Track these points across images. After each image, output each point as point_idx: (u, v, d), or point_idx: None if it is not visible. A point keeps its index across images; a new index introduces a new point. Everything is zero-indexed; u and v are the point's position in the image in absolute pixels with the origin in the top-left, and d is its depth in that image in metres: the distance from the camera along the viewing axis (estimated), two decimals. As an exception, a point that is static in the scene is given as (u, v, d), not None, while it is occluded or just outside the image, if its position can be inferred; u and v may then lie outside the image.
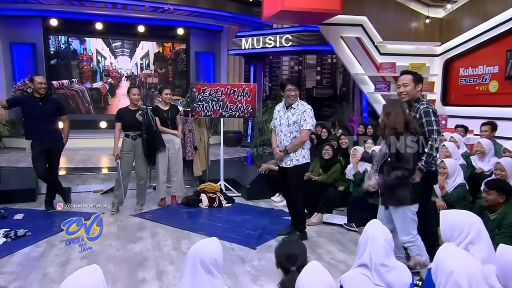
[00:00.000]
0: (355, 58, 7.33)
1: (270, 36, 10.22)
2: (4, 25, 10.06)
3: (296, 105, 3.83)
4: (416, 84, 3.17)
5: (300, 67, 13.90)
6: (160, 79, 11.97)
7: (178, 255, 3.55)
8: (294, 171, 3.84)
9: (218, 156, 6.43)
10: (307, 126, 3.76)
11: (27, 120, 4.69)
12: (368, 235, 1.95)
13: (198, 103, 5.73)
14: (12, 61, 10.26)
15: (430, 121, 3.03)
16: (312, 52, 12.04)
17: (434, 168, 3.21)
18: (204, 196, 5.27)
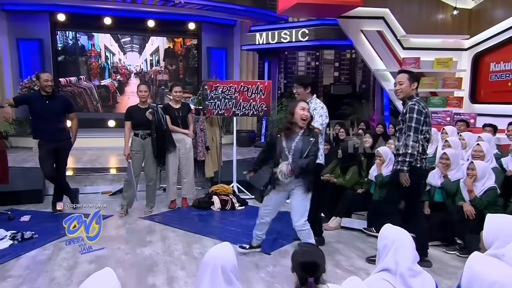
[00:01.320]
0: (376, 53, 7.27)
1: (285, 31, 10.20)
2: (11, 20, 10.30)
3: (310, 102, 3.83)
4: (411, 83, 3.39)
5: (317, 63, 13.83)
6: (171, 76, 12.07)
7: (190, 260, 3.57)
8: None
9: (230, 157, 6.45)
10: (316, 124, 3.71)
11: (34, 118, 4.79)
12: (392, 238, 1.91)
13: (210, 101, 5.75)
14: (19, 58, 10.50)
15: (411, 118, 3.28)
16: (330, 47, 11.98)
17: (420, 164, 3.37)
18: (216, 199, 5.29)
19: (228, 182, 5.83)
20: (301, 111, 3.37)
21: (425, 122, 3.33)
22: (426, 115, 3.33)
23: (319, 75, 13.69)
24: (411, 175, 3.33)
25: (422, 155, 3.37)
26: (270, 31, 10.46)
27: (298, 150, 3.34)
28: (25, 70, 10.45)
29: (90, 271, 3.28)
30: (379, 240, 1.99)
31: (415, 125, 3.27)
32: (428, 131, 3.38)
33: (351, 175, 4.70)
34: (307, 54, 13.78)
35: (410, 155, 3.29)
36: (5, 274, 3.22)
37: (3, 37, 10.24)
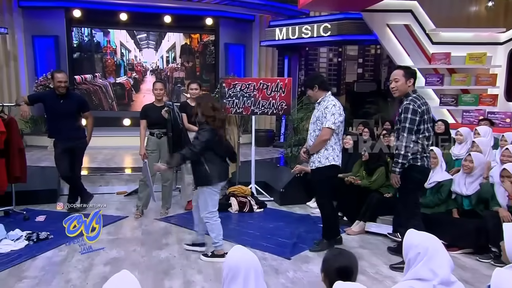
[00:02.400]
0: (403, 48, 7.15)
1: (306, 25, 10.14)
2: (27, 17, 10.58)
3: (323, 100, 3.87)
4: (407, 79, 3.44)
5: (340, 59, 13.74)
6: (187, 73, 12.17)
7: (207, 264, 3.59)
8: (315, 174, 3.88)
9: (248, 157, 6.46)
10: (327, 124, 3.73)
11: (49, 117, 4.90)
12: (425, 246, 1.87)
13: (228, 99, 5.77)
14: (34, 55, 10.77)
15: (405, 118, 3.35)
16: (354, 43, 11.88)
17: (421, 163, 3.44)
18: (234, 200, 5.30)
19: (246, 183, 5.84)
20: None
21: (423, 121, 3.37)
22: (423, 113, 3.37)
23: (341, 72, 13.58)
24: (412, 174, 3.44)
25: (422, 153, 3.43)
26: (291, 26, 10.43)
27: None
28: (41, 67, 10.72)
29: (105, 273, 3.34)
30: (408, 247, 1.95)
31: (409, 126, 3.34)
32: (427, 128, 3.42)
33: (377, 177, 4.63)
34: (329, 50, 13.71)
35: (403, 156, 3.38)
36: (21, 275, 3.30)
37: (19, 34, 10.53)
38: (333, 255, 1.91)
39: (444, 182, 4.21)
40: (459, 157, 4.82)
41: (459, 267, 3.53)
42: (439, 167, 4.27)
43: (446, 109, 7.28)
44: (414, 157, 3.42)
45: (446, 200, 4.20)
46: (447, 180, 4.22)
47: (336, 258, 1.85)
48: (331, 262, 1.83)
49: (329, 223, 4.00)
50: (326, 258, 1.89)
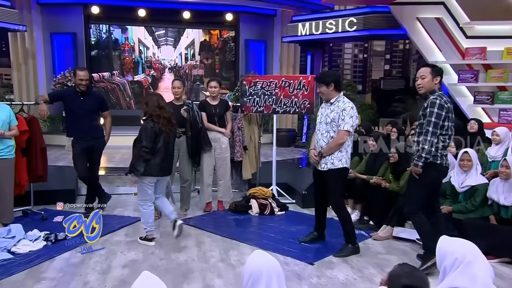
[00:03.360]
0: (434, 43, 7.02)
1: (331, 20, 10.06)
2: (46, 14, 10.88)
3: (337, 100, 3.89)
4: (434, 77, 3.50)
5: (366, 55, 13.59)
6: (206, 70, 12.26)
7: (227, 268, 3.61)
8: (329, 177, 3.91)
9: (269, 158, 6.45)
10: (345, 126, 3.79)
11: (68, 115, 5.03)
12: (462, 252, 1.82)
13: (249, 97, 5.78)
14: (53, 52, 11.05)
15: (431, 112, 3.38)
16: (381, 38, 11.71)
17: (440, 161, 3.48)
18: (254, 202, 5.31)
19: (267, 184, 5.84)
20: None
21: (447, 117, 3.43)
22: (448, 110, 3.42)
23: (367, 69, 13.43)
24: (430, 171, 3.48)
25: (442, 151, 3.48)
26: (314, 21, 10.36)
27: None
28: (59, 65, 10.98)
29: (124, 276, 3.39)
30: (443, 254, 1.90)
31: (435, 120, 3.38)
32: (450, 127, 3.47)
33: (406, 181, 4.55)
34: (354, 45, 13.57)
35: (427, 150, 3.41)
36: (39, 276, 3.39)
37: (37, 32, 10.82)
38: (405, 272, 1.78)
39: (478, 186, 4.11)
40: (496, 159, 4.70)
41: (496, 276, 3.42)
42: (473, 170, 4.17)
43: (480, 108, 7.10)
44: (434, 154, 3.46)
45: (481, 206, 4.08)
46: (482, 184, 4.12)
47: (408, 275, 1.75)
48: (402, 279, 1.73)
49: (349, 226, 4.00)
50: (395, 274, 1.78)
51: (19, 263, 3.58)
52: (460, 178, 4.24)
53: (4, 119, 4.18)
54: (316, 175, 4.08)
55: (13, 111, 4.43)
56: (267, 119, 9.67)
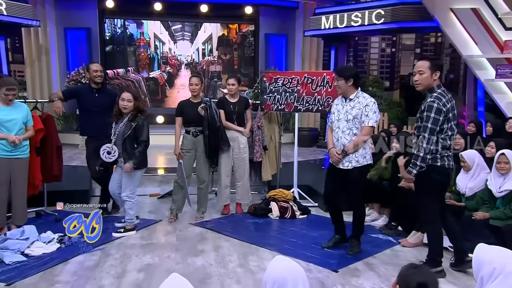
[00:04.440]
0: (470, 35, 6.89)
1: (356, 12, 9.99)
2: (59, 8, 11.12)
3: (356, 96, 3.92)
4: (433, 72, 3.43)
5: (394, 49, 13.47)
6: (224, 66, 12.32)
7: (246, 274, 3.61)
8: (354, 174, 3.92)
9: (290, 158, 6.43)
10: (370, 122, 3.84)
11: (82, 113, 5.11)
12: (501, 261, 1.77)
13: (269, 94, 5.78)
14: (66, 48, 11.29)
15: (428, 117, 3.36)
16: (410, 30, 11.60)
17: (441, 163, 3.46)
18: (275, 205, 5.30)
19: (288, 186, 5.83)
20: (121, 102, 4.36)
21: (447, 120, 3.40)
22: (448, 111, 3.39)
23: (395, 64, 13.26)
24: (432, 175, 3.47)
25: (443, 153, 3.46)
26: (338, 14, 10.30)
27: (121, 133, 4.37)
28: (72, 61, 11.21)
29: (139, 280, 3.44)
30: (480, 263, 1.86)
31: (431, 126, 3.36)
32: (451, 127, 3.45)
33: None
34: (382, 39, 13.51)
35: (421, 158, 3.40)
36: (53, 279, 3.46)
37: (51, 27, 11.07)
38: (414, 270, 1.79)
39: (517, 191, 4.00)
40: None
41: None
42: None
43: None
44: (433, 157, 3.45)
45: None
46: (523, 188, 4.01)
47: (419, 273, 1.76)
48: (413, 276, 1.73)
49: (363, 224, 4.15)
50: (406, 275, 1.78)
51: (32, 266, 3.66)
52: (497, 182, 4.13)
53: (22, 119, 4.28)
54: (335, 175, 4.08)
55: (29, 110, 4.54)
56: (288, 117, 9.64)
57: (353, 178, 3.95)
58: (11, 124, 4.18)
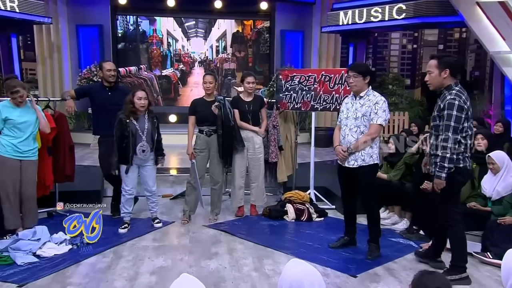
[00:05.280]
0: (497, 30, 6.77)
1: (376, 7, 9.91)
2: (71, 5, 11.30)
3: (367, 94, 3.96)
4: (441, 70, 3.42)
5: (415, 46, 13.29)
6: (239, 64, 12.35)
7: (261, 278, 3.62)
8: (360, 174, 3.97)
9: (306, 159, 6.43)
10: (378, 120, 3.88)
11: (95, 112, 5.18)
12: None
13: (285, 93, 5.77)
14: (78, 46, 11.46)
15: (449, 116, 3.34)
16: (433, 26, 11.42)
17: (464, 164, 3.47)
18: (290, 207, 5.30)
19: (304, 188, 5.81)
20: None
21: (466, 119, 3.41)
22: (468, 109, 3.41)
23: (417, 61, 13.12)
24: (455, 176, 3.46)
25: (464, 153, 3.48)
26: (357, 9, 10.23)
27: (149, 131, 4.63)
28: (84, 59, 11.37)
29: (152, 283, 3.47)
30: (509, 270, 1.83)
31: (455, 125, 3.35)
32: (470, 126, 3.46)
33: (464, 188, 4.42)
34: (403, 35, 13.31)
35: (449, 159, 3.38)
36: (65, 281, 3.52)
37: (63, 24, 11.25)
38: (429, 277, 1.81)
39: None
40: None
41: None
42: None
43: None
44: (456, 158, 3.44)
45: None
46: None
47: (434, 280, 1.77)
48: (428, 281, 1.76)
49: (378, 225, 4.14)
50: (421, 283, 1.79)
51: (44, 267, 3.72)
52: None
53: (35, 120, 4.35)
54: (343, 174, 4.14)
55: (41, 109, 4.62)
56: (304, 116, 9.62)
57: (360, 178, 4.00)
58: (24, 125, 4.26)
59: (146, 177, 4.82)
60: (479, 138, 4.83)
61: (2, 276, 3.52)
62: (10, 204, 4.25)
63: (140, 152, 4.60)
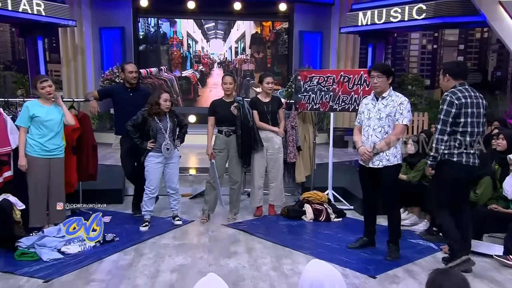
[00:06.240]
0: (520, 30, 6.62)
1: (396, 8, 9.82)
2: (95, 8, 11.49)
3: (389, 95, 3.97)
4: (444, 76, 3.74)
5: (435, 46, 13.15)
6: (257, 65, 12.36)
7: (279, 277, 3.62)
8: (385, 174, 3.97)
9: (325, 159, 6.39)
10: (404, 120, 3.91)
11: (117, 112, 5.26)
12: None
13: (304, 93, 5.76)
14: (101, 48, 11.64)
15: (441, 110, 3.69)
16: (454, 26, 11.29)
17: (458, 159, 3.67)
18: (309, 207, 5.28)
19: (323, 188, 5.79)
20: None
21: (464, 114, 3.62)
22: (461, 106, 3.61)
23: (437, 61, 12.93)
24: (445, 170, 3.72)
25: (461, 149, 3.66)
26: (377, 9, 10.16)
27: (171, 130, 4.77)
28: (107, 60, 11.55)
29: (172, 281, 3.51)
30: None
31: (443, 117, 3.65)
32: (470, 123, 3.64)
33: (483, 189, 4.34)
34: (422, 35, 13.21)
35: (434, 148, 3.71)
36: (89, 277, 3.58)
37: (87, 27, 11.46)
38: (443, 276, 1.79)
39: None
40: None
41: None
42: None
43: None
44: (449, 152, 3.68)
45: None
46: None
47: (449, 278, 1.74)
48: (444, 283, 1.73)
49: (399, 227, 4.14)
50: (435, 281, 1.77)
51: (68, 263, 3.80)
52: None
53: (61, 118, 4.44)
54: (366, 174, 4.13)
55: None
56: (322, 117, 9.58)
57: (384, 178, 3.98)
58: (51, 123, 4.34)
59: (170, 175, 4.89)
60: (500, 138, 4.75)
61: (29, 272, 3.60)
62: (38, 202, 4.33)
63: (165, 150, 4.70)
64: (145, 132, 4.73)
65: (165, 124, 4.74)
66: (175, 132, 4.89)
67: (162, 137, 4.71)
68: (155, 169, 4.76)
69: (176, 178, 4.95)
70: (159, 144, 4.71)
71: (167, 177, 4.91)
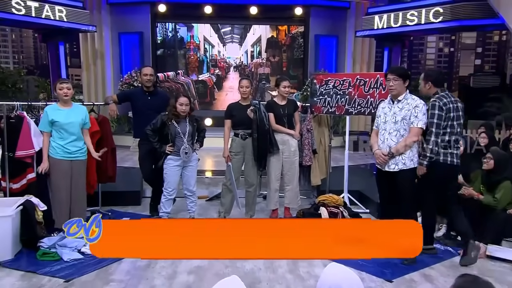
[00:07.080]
0: (539, 33, 6.48)
1: (412, 11, 9.73)
2: (114, 13, 11.65)
3: (405, 98, 3.97)
4: (425, 83, 4.04)
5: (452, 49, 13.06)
6: (273, 68, 12.36)
7: (295, 280, 3.61)
8: (401, 178, 3.97)
9: (340, 162, 6.35)
10: (419, 124, 3.91)
11: (136, 116, 5.32)
12: None
13: (320, 97, 5.74)
14: (120, 52, 11.79)
15: (432, 114, 3.87)
16: (471, 29, 11.13)
17: (444, 159, 3.90)
18: (324, 211, 5.24)
19: (338, 192, 5.74)
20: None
21: (448, 117, 3.87)
22: (448, 110, 3.86)
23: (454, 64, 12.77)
24: (434, 170, 3.89)
25: (445, 149, 3.89)
26: (393, 13, 10.07)
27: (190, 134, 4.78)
28: (125, 65, 11.69)
29: (189, 282, 3.53)
30: None
31: (437, 121, 3.84)
32: (451, 125, 3.90)
33: (503, 194, 4.27)
34: (439, 38, 13.24)
35: (430, 150, 3.85)
36: (108, 277, 3.63)
37: (106, 32, 11.62)
38: (469, 282, 1.71)
39: None
40: None
41: None
42: None
43: None
44: (436, 152, 3.89)
45: None
46: None
47: (475, 285, 1.68)
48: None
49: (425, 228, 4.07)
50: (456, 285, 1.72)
51: (88, 264, 3.84)
52: None
53: (80, 121, 4.50)
54: (383, 178, 4.13)
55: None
56: (337, 120, 9.53)
57: (401, 182, 3.96)
58: (70, 126, 4.39)
59: (188, 177, 4.92)
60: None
61: (50, 271, 3.66)
62: (61, 204, 4.40)
63: (183, 154, 4.73)
64: (164, 135, 4.75)
65: (184, 128, 4.77)
66: (195, 136, 4.91)
67: (181, 141, 4.74)
68: (173, 171, 4.80)
69: (193, 181, 4.97)
70: (178, 148, 4.73)
71: (184, 179, 4.93)
